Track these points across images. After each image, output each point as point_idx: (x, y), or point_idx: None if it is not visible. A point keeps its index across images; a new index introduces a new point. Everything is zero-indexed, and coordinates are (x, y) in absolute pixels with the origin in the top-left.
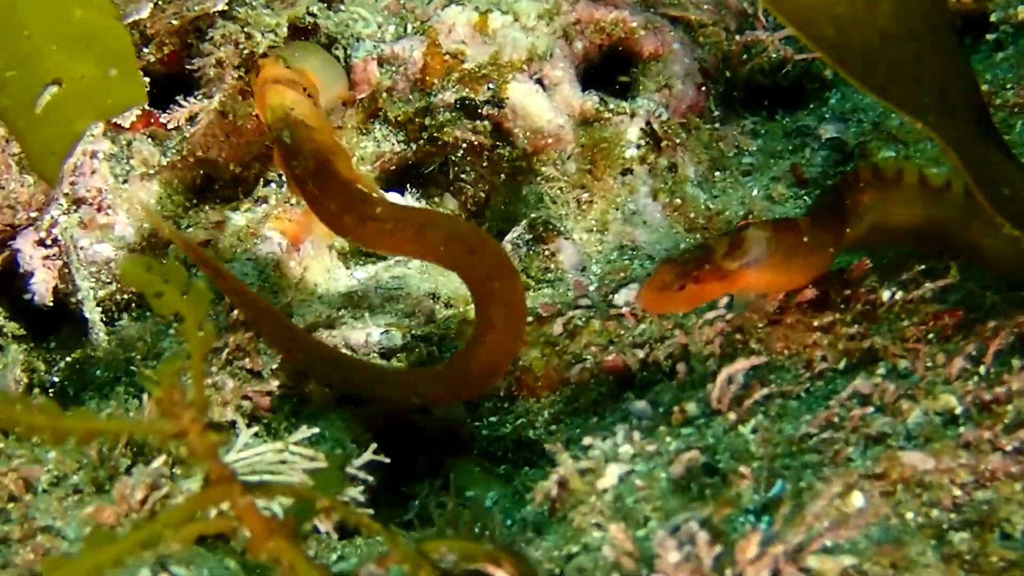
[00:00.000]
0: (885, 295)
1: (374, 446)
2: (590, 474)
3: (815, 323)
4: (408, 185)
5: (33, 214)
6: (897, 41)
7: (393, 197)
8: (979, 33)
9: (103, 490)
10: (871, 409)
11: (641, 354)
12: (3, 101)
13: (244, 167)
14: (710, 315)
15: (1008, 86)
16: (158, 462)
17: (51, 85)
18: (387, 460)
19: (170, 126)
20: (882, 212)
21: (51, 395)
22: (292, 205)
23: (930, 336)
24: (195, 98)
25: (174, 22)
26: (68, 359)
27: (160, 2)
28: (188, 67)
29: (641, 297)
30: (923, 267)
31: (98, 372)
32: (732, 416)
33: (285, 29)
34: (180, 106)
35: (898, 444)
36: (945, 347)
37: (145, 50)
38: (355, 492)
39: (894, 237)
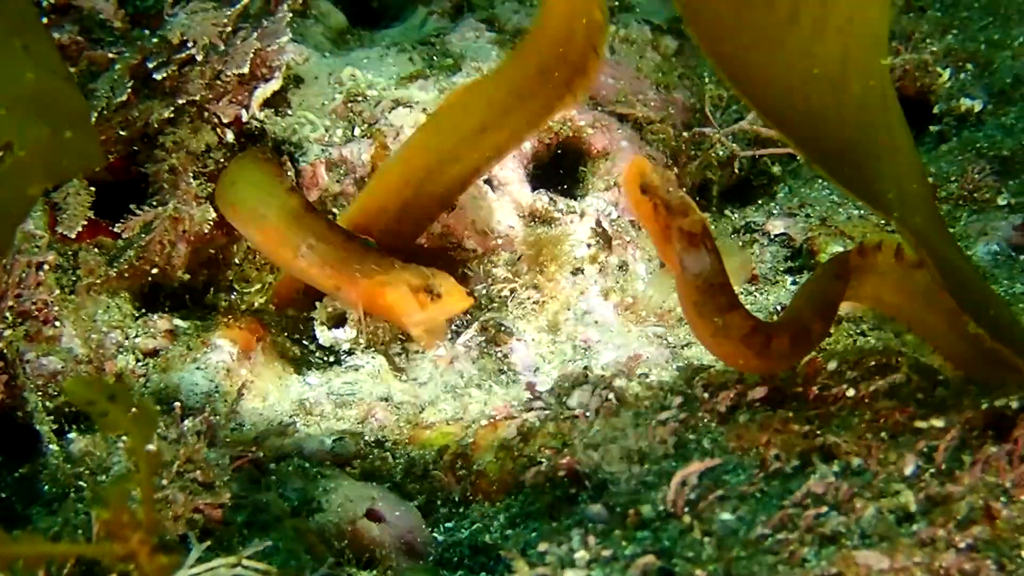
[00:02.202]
0: (836, 392)
1: (331, 560)
2: None
3: (768, 422)
4: None
5: None
6: (862, 132)
7: None
8: (922, 124)
9: None
10: (825, 508)
11: (596, 456)
12: None
13: (192, 274)
14: (663, 415)
15: (952, 178)
16: None
17: (1, 150)
18: (349, 572)
19: (124, 235)
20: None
21: None
22: (242, 312)
23: (882, 433)
24: (150, 206)
25: (122, 132)
26: (15, 474)
27: (105, 111)
28: (143, 170)
29: (631, 167)
30: (873, 363)
31: (46, 487)
32: (687, 519)
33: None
34: (134, 214)
35: (853, 543)
36: (897, 444)
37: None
38: None
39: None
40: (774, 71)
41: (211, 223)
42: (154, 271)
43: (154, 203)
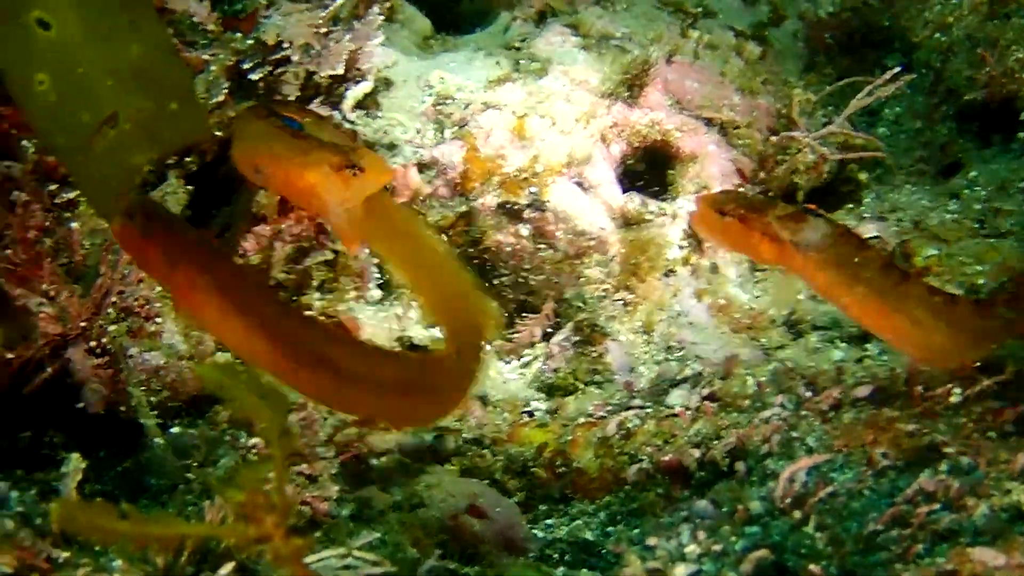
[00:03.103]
0: (941, 392)
1: (438, 552)
2: (659, 574)
3: (873, 420)
4: None
5: (83, 324)
6: None
7: None
8: (1009, 131)
9: None
10: (937, 506)
11: (698, 453)
12: (59, 140)
13: (286, 274)
14: (766, 413)
15: None
16: (226, 569)
17: (108, 121)
18: (452, 566)
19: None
20: None
21: None
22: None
23: (990, 433)
24: (231, 204)
25: (218, 133)
26: (120, 467)
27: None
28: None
29: (696, 202)
30: (978, 363)
31: (152, 480)
32: (797, 514)
33: None
34: (215, 215)
35: (967, 540)
36: (1007, 443)
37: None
38: None
39: None
40: None
41: (292, 219)
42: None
43: (235, 201)
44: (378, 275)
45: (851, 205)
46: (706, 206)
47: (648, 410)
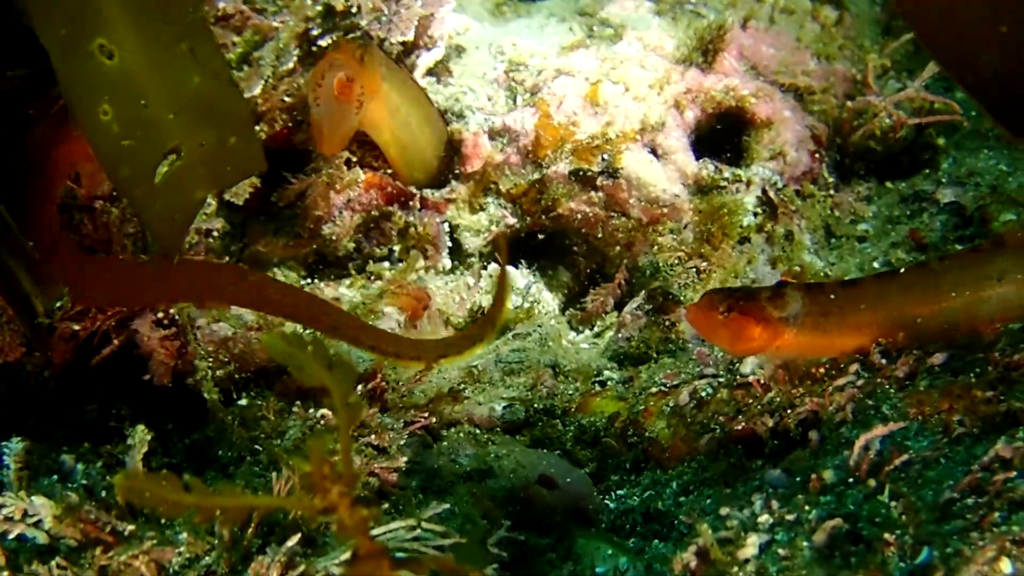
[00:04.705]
0: (1019, 358)
1: (507, 523)
2: (730, 544)
3: (949, 388)
4: (521, 259)
5: None
6: None
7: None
8: None
9: (237, 571)
10: (1014, 473)
11: (771, 422)
12: (122, 171)
13: (356, 243)
14: (840, 381)
15: None
16: (292, 540)
17: (170, 154)
18: (521, 537)
19: (280, 204)
20: None
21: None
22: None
23: None
24: (304, 174)
25: (287, 99)
26: (187, 440)
27: (271, 80)
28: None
29: (688, 311)
30: None
31: (220, 452)
32: (872, 483)
33: None
34: (289, 183)
35: None
36: None
37: (256, 127)
38: (490, 571)
39: None
40: None
41: (361, 185)
42: (314, 239)
43: (308, 171)
44: (450, 244)
45: (928, 170)
46: (702, 308)
47: (721, 379)
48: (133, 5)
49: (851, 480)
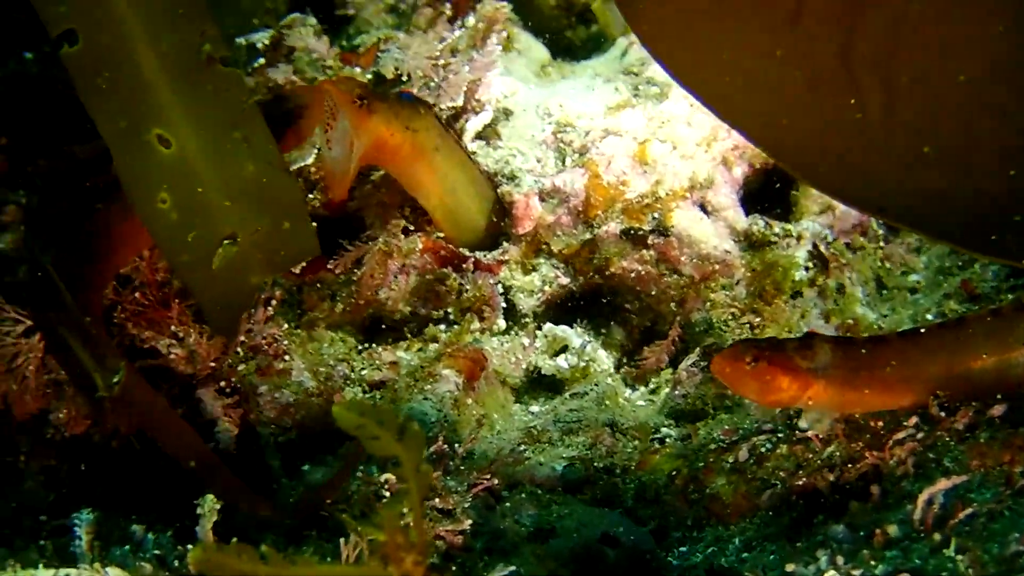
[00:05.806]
0: None
1: None
2: None
3: (1010, 439)
4: (577, 318)
5: (212, 364)
6: None
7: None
8: None
9: None
10: None
11: (832, 477)
12: (182, 258)
13: (412, 307)
14: (900, 435)
15: None
16: None
17: (226, 240)
18: None
19: (337, 271)
20: None
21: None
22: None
23: None
24: (360, 241)
25: None
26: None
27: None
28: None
29: (714, 362)
30: None
31: (286, 520)
32: (937, 537)
33: None
34: (346, 250)
35: None
36: None
37: (310, 195)
38: None
39: None
40: None
41: (418, 253)
42: (371, 305)
43: (364, 238)
44: (504, 305)
45: None
46: (728, 359)
47: (780, 434)
48: (188, 94)
49: (916, 534)
